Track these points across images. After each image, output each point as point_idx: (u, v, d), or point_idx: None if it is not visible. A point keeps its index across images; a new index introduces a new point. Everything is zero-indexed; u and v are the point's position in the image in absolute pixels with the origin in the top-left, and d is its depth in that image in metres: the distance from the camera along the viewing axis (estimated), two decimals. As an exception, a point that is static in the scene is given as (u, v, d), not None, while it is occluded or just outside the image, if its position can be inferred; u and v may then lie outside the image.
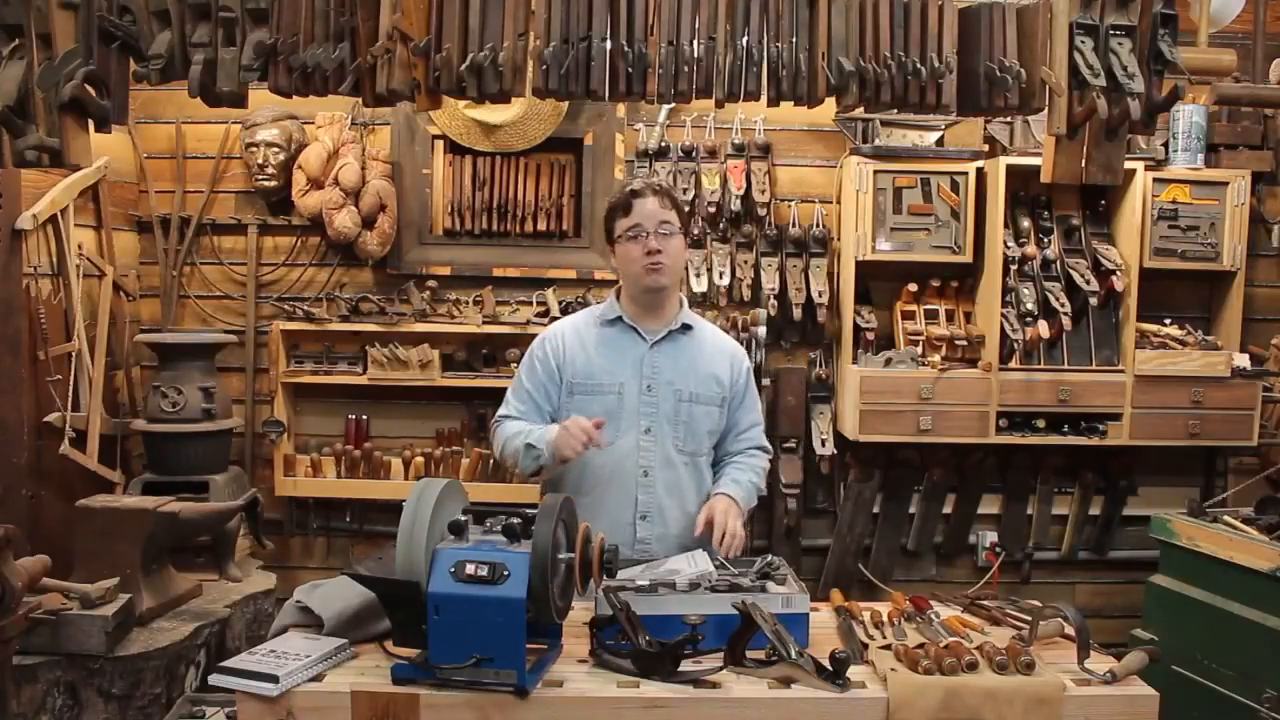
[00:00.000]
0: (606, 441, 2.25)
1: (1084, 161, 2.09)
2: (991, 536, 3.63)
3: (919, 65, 2.00)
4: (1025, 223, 3.43)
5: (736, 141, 3.48)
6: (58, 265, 2.98)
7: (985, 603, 2.09)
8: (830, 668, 1.69)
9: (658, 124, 3.49)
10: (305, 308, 3.44)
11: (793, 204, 3.51)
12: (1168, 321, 3.43)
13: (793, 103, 2.05)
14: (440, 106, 2.35)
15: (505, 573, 1.63)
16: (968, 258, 3.36)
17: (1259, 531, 2.65)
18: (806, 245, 3.46)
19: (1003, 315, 3.30)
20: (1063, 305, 3.31)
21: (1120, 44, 2.00)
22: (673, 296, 2.41)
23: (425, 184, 3.54)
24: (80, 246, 3.04)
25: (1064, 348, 3.38)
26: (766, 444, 2.52)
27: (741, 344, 2.76)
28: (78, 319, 2.97)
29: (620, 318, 2.40)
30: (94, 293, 3.15)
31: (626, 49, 1.98)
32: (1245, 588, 2.58)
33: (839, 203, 3.51)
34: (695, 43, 2.00)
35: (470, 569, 1.64)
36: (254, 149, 3.34)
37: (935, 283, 3.44)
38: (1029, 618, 1.94)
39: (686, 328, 2.41)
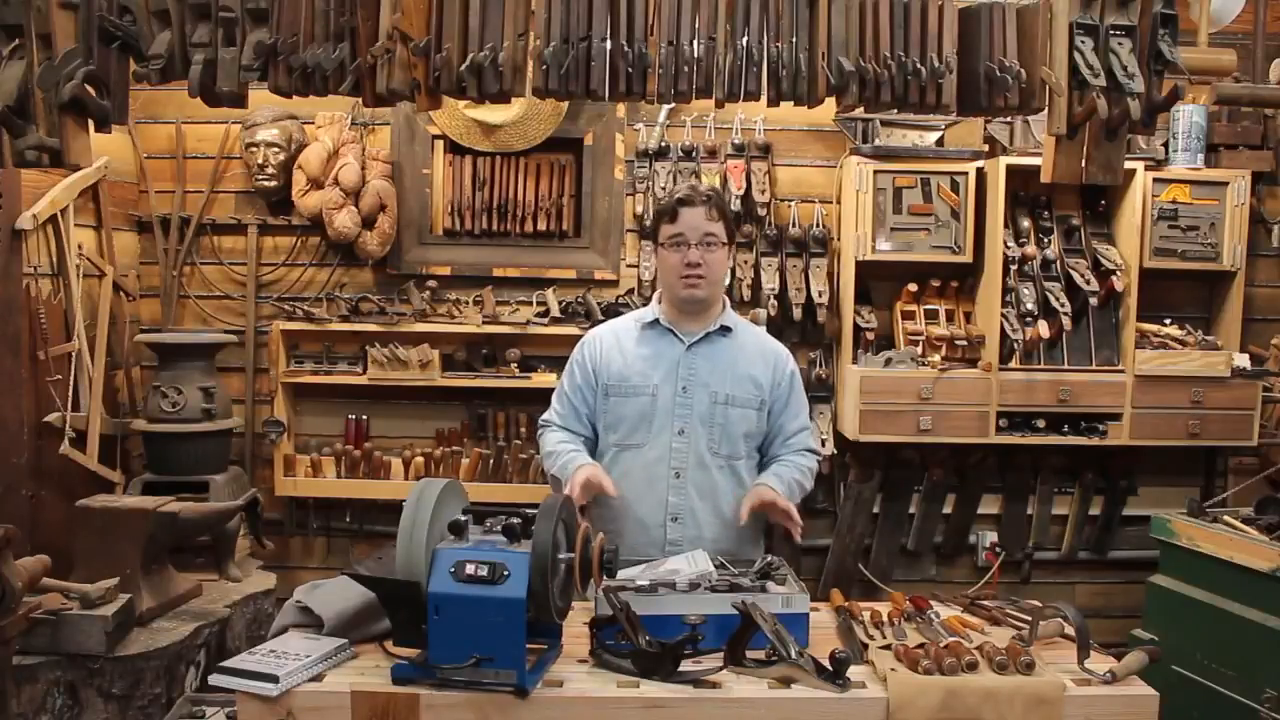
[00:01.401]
0: (613, 491, 2.24)
1: (1084, 161, 2.09)
2: (991, 536, 3.63)
3: (919, 65, 2.01)
4: (1025, 223, 3.43)
5: (736, 141, 3.48)
6: (58, 265, 2.98)
7: (985, 603, 2.09)
8: (830, 668, 1.69)
9: (658, 124, 3.49)
10: (305, 308, 3.44)
11: (793, 204, 3.51)
12: (1168, 321, 3.42)
13: (793, 103, 2.05)
14: (440, 106, 2.35)
15: (505, 573, 1.63)
16: (968, 258, 3.36)
17: (1259, 531, 2.64)
18: (806, 245, 3.46)
19: (1003, 315, 3.30)
20: (1063, 305, 3.31)
21: (1120, 44, 2.00)
22: (714, 301, 2.40)
23: (425, 184, 3.54)
24: (80, 246, 3.04)
25: (1064, 348, 3.38)
26: (815, 446, 2.49)
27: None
28: (78, 319, 2.97)
29: (658, 320, 2.39)
30: (94, 293, 3.14)
31: (626, 49, 1.98)
32: (1245, 588, 2.58)
33: (839, 203, 3.51)
34: (695, 43, 2.00)
35: (470, 569, 1.64)
36: (254, 149, 3.34)
37: (935, 283, 3.43)
38: (1029, 618, 1.94)
39: (726, 330, 2.39)
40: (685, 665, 1.71)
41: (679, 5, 2.00)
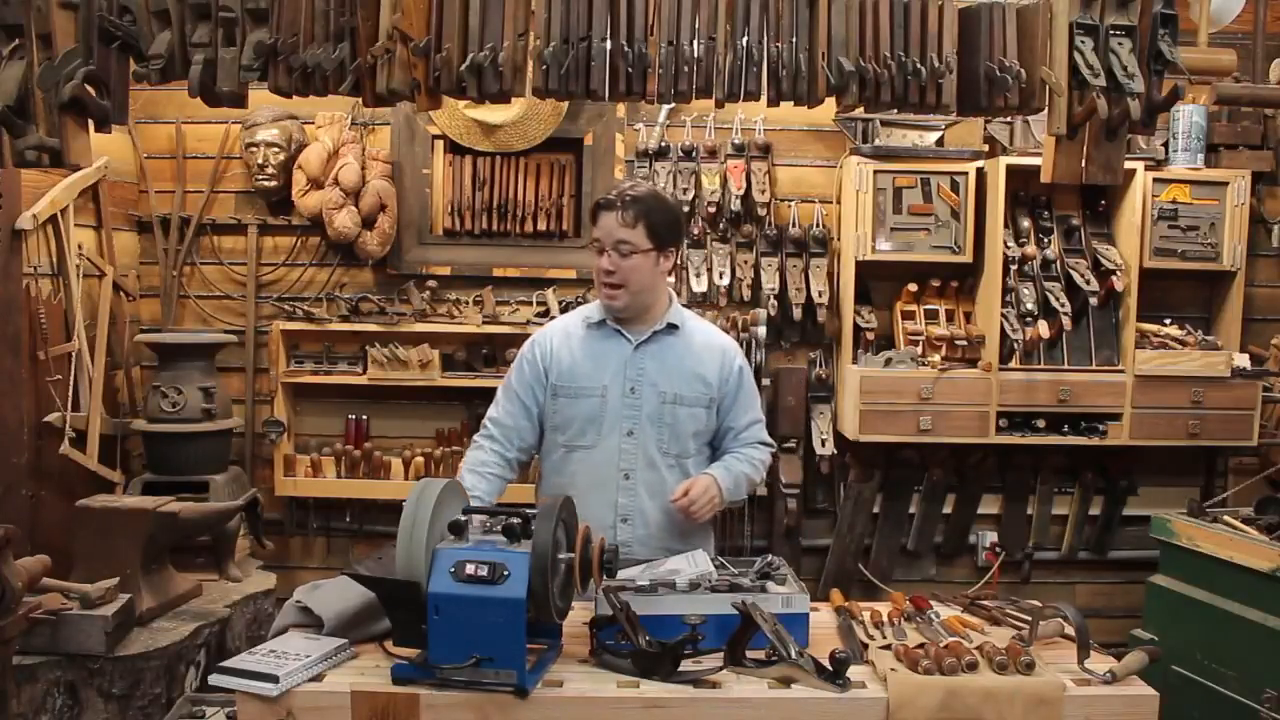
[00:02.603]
0: None
1: (1084, 161, 2.09)
2: (991, 536, 3.63)
3: (919, 65, 2.00)
4: (1025, 223, 3.43)
5: (736, 141, 3.48)
6: (58, 265, 2.98)
7: (985, 603, 2.09)
8: (830, 668, 1.69)
9: (658, 124, 3.49)
10: (305, 308, 3.44)
11: (793, 204, 3.51)
12: (1168, 321, 3.43)
13: (793, 103, 2.05)
14: (440, 106, 2.35)
15: (505, 573, 1.63)
16: (968, 258, 3.36)
17: (1259, 531, 2.65)
18: (806, 245, 3.46)
19: (1003, 315, 3.30)
20: (1063, 305, 3.31)
21: (1120, 44, 2.00)
22: (657, 299, 2.35)
23: (425, 184, 3.54)
24: (80, 246, 3.04)
25: (1064, 348, 3.38)
26: (769, 440, 2.47)
27: (741, 344, 2.74)
28: (78, 319, 2.97)
29: (604, 320, 2.36)
30: (94, 293, 3.15)
31: (626, 49, 1.98)
32: (1245, 588, 2.58)
33: (839, 203, 3.51)
34: (695, 43, 2.00)
35: (470, 569, 1.64)
36: (254, 149, 3.34)
37: (935, 283, 3.43)
38: (1029, 618, 1.94)
39: (673, 327, 2.35)
40: (685, 665, 1.71)
41: (679, 5, 1.99)
